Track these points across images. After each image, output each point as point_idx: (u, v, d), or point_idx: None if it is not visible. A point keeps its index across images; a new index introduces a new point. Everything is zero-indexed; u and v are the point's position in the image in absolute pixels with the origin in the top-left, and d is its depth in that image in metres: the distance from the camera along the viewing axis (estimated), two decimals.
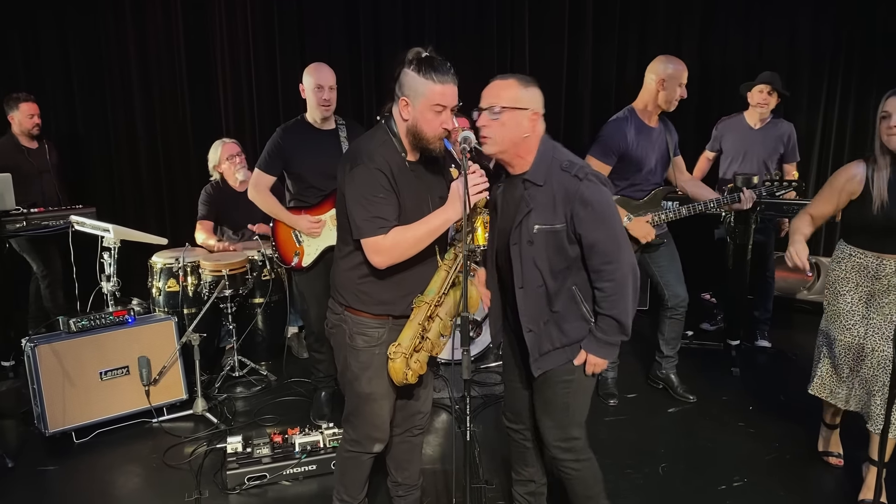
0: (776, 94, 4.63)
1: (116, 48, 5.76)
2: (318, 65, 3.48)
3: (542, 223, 2.19)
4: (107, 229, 3.86)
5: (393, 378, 2.28)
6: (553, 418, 2.38)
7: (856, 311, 2.89)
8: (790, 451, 3.43)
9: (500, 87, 2.20)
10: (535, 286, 2.24)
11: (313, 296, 3.58)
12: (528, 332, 2.28)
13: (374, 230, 2.17)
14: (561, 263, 2.22)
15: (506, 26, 6.00)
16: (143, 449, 3.53)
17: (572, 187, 2.15)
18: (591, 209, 2.14)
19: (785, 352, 4.78)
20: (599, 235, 2.16)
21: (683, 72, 3.57)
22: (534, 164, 2.22)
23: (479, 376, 4.35)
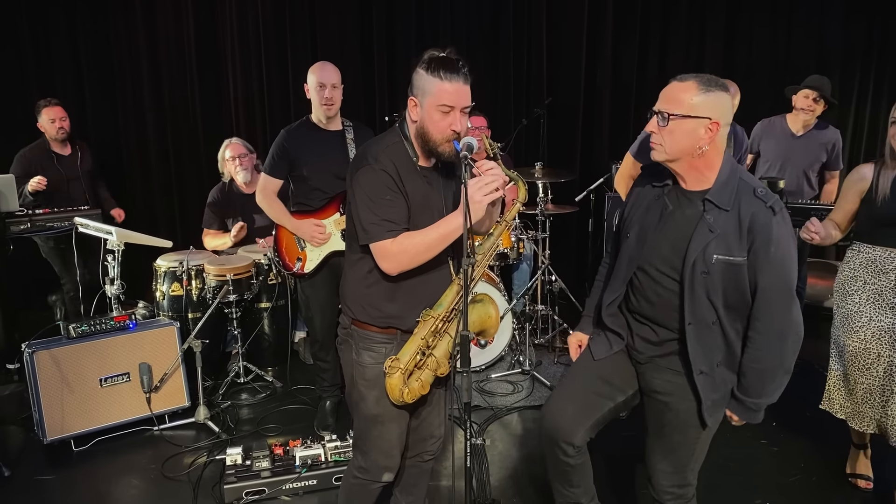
0: (823, 102, 4.27)
1: (127, 47, 5.70)
2: (322, 63, 3.37)
3: (724, 254, 1.93)
4: (109, 232, 3.78)
5: (389, 395, 2.13)
6: (675, 464, 2.17)
7: (863, 311, 2.84)
8: (816, 473, 3.25)
9: (676, 90, 1.95)
10: (709, 322, 1.99)
11: (317, 303, 3.47)
12: (700, 374, 2.02)
13: (382, 234, 2.04)
14: (738, 301, 1.98)
15: (522, 23, 5.85)
16: (142, 459, 3.44)
17: (763, 219, 1.90)
18: (773, 250, 1.90)
19: (812, 363, 4.56)
20: (771, 280, 1.92)
21: None
22: (717, 183, 1.97)
23: (489, 385, 4.21)
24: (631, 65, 5.89)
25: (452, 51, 2.06)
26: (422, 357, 2.11)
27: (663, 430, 2.16)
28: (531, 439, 3.60)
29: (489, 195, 1.95)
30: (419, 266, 2.09)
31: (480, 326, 2.22)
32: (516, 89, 5.96)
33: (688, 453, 2.16)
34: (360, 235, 2.09)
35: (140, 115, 5.82)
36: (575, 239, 6.02)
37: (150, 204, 5.97)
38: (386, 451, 2.27)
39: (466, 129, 2.10)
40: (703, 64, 5.88)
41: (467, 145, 1.99)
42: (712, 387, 2.04)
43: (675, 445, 2.16)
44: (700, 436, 2.13)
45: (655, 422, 2.19)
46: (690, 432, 2.12)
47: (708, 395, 2.05)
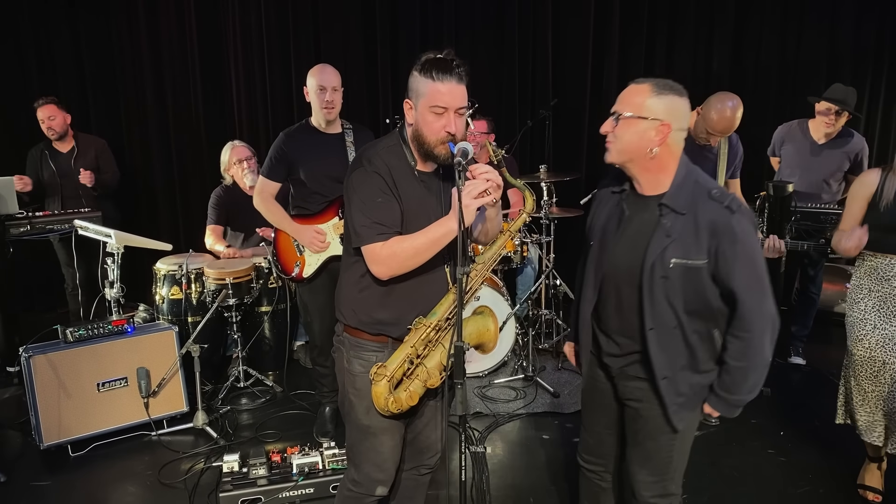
0: (846, 114, 4.13)
1: (129, 49, 5.69)
2: (322, 66, 3.33)
3: (681, 257, 1.92)
4: (108, 235, 3.76)
5: (374, 404, 2.07)
6: (654, 472, 2.14)
7: (868, 319, 2.82)
8: (824, 485, 3.17)
9: (631, 93, 1.96)
10: (670, 327, 1.98)
11: (316, 308, 3.43)
12: (664, 379, 2.01)
13: (372, 237, 1.99)
14: (699, 304, 1.96)
15: (528, 24, 5.78)
16: (139, 465, 3.40)
17: (722, 220, 1.88)
18: (739, 248, 1.88)
19: (822, 371, 4.49)
20: (744, 280, 1.90)
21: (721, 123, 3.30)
22: (673, 186, 1.96)
23: (491, 391, 4.16)
24: (638, 66, 5.81)
25: (451, 52, 2.00)
26: (410, 366, 2.05)
27: (637, 436, 2.15)
28: (533, 448, 3.54)
29: (477, 199, 1.88)
30: (413, 272, 2.04)
31: (478, 339, 2.15)
32: (521, 91, 5.90)
33: (665, 460, 2.13)
34: (352, 238, 2.06)
35: (142, 116, 5.80)
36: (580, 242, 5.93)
37: (153, 206, 5.95)
38: (378, 464, 2.21)
39: (464, 132, 2.04)
40: (711, 65, 5.81)
41: (462, 150, 1.93)
42: (676, 391, 2.03)
43: (651, 453, 2.13)
44: (674, 442, 2.10)
45: (630, 429, 2.18)
46: (663, 439, 2.10)
47: (672, 400, 2.03)
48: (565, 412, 3.88)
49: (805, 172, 4.29)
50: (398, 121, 2.13)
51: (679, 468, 2.17)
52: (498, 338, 2.19)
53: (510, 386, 4.23)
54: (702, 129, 3.30)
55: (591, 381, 2.28)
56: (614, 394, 2.21)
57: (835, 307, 5.23)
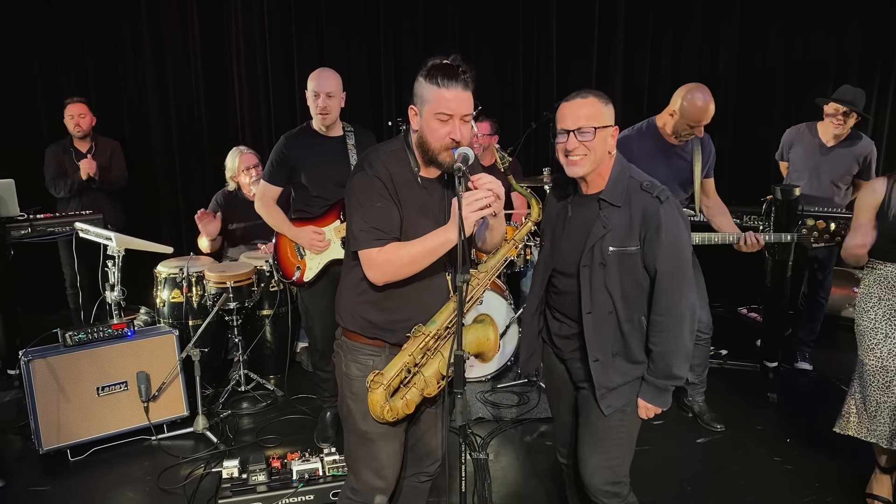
0: (855, 115, 4.10)
1: (132, 50, 5.66)
2: (321, 70, 3.28)
3: (618, 245, 2.08)
4: (109, 237, 3.74)
5: (370, 411, 2.05)
6: (604, 458, 2.21)
7: (878, 328, 2.77)
8: (832, 493, 3.12)
9: (586, 107, 2.08)
10: (605, 312, 2.12)
11: (317, 312, 3.40)
12: (595, 361, 2.14)
13: (369, 241, 1.99)
14: (633, 289, 2.12)
15: (532, 24, 5.75)
16: (139, 470, 3.38)
17: (651, 208, 2.06)
18: (664, 235, 2.05)
19: (828, 376, 4.43)
20: (666, 265, 2.06)
21: (701, 113, 3.19)
22: (609, 182, 2.12)
23: (494, 396, 4.12)
24: (643, 67, 5.77)
25: (457, 58, 1.98)
26: (408, 375, 2.03)
27: (589, 418, 2.22)
28: (536, 453, 3.50)
29: (476, 212, 1.87)
30: (412, 278, 2.02)
31: (478, 348, 2.13)
32: (525, 92, 5.86)
33: (615, 442, 2.21)
34: (350, 241, 2.06)
35: (145, 117, 5.78)
36: None
37: (155, 208, 5.93)
38: (376, 471, 2.18)
39: (469, 139, 2.01)
40: (718, 67, 5.76)
41: (463, 156, 1.91)
42: (606, 375, 2.14)
43: (601, 433, 2.20)
44: (624, 422, 2.19)
45: (582, 411, 2.26)
46: (612, 417, 2.17)
47: (602, 383, 2.14)
48: None
49: (814, 175, 4.26)
50: (400, 123, 2.11)
51: (628, 454, 2.25)
52: (498, 347, 2.17)
53: (513, 391, 4.19)
54: (682, 125, 3.24)
55: (549, 369, 2.42)
56: (569, 377, 2.32)
57: (842, 311, 5.18)
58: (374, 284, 2.03)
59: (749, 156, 5.92)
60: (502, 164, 2.23)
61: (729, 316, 5.69)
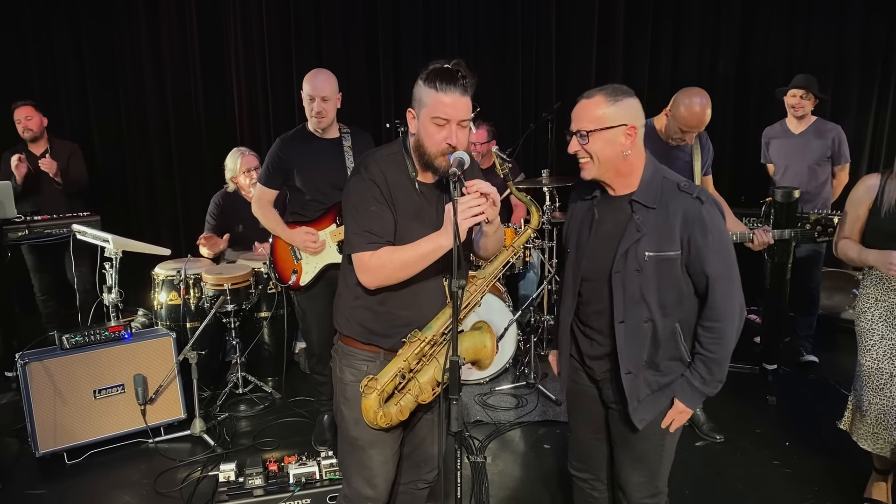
0: (812, 97, 4.39)
1: (130, 50, 5.65)
2: (316, 72, 3.26)
3: (655, 250, 1.96)
4: (106, 239, 3.72)
5: (363, 417, 2.03)
6: (645, 474, 2.16)
7: (875, 329, 2.74)
8: (831, 497, 3.11)
9: (586, 108, 1.99)
10: (641, 321, 2.00)
11: (314, 316, 3.38)
12: (627, 374, 2.03)
13: (363, 245, 1.98)
14: (672, 296, 2.00)
15: (531, 25, 5.74)
16: (135, 473, 3.37)
17: (693, 210, 1.95)
18: (711, 237, 1.94)
19: (828, 378, 4.41)
20: (716, 268, 1.96)
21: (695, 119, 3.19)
22: (642, 183, 2.01)
23: (492, 399, 4.11)
24: (643, 68, 5.76)
25: (460, 63, 1.95)
26: (402, 380, 2.01)
27: (626, 439, 2.14)
28: (534, 457, 3.49)
29: (469, 219, 1.85)
30: (408, 283, 2.01)
31: (474, 355, 2.11)
32: (524, 93, 5.85)
33: (657, 460, 2.15)
34: (345, 245, 2.06)
35: (143, 118, 5.76)
36: None
37: (153, 209, 5.92)
38: (367, 479, 2.16)
39: (466, 144, 2.00)
40: (718, 68, 5.75)
41: (458, 161, 1.89)
42: (637, 388, 2.04)
43: (642, 455, 2.14)
44: (664, 440, 2.13)
45: (618, 432, 2.17)
46: (653, 440, 2.11)
47: (633, 395, 2.04)
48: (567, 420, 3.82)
49: (791, 163, 4.51)
50: (399, 125, 2.09)
51: (668, 466, 2.20)
52: (495, 355, 2.14)
53: (512, 393, 4.18)
54: (674, 128, 3.25)
55: (574, 385, 2.28)
56: (599, 397, 2.21)
57: (842, 313, 5.16)
58: (369, 289, 2.02)
59: (748, 158, 5.89)
60: (502, 170, 2.20)
61: None
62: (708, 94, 3.25)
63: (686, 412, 2.07)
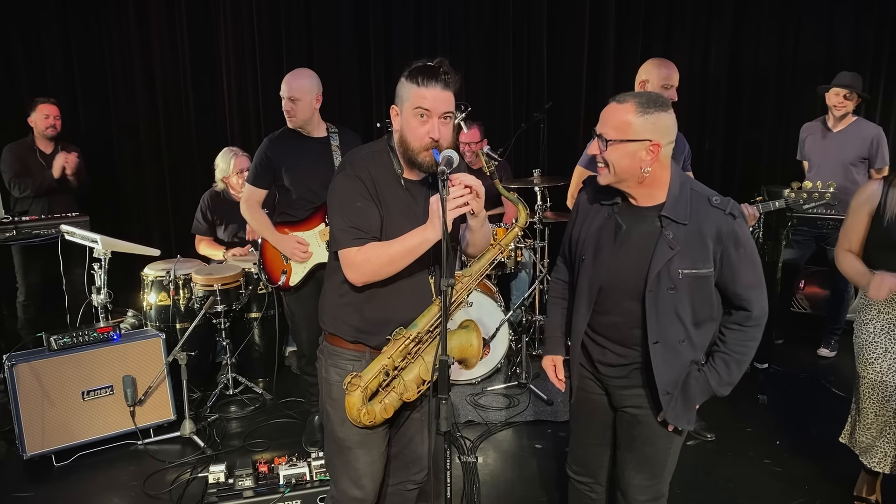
0: (856, 97, 4.35)
1: (120, 51, 5.60)
2: (292, 73, 3.27)
3: (689, 268, 1.91)
4: (95, 240, 3.70)
5: (347, 414, 2.02)
6: (650, 477, 2.14)
7: (878, 342, 2.66)
8: (822, 495, 3.11)
9: (615, 113, 1.90)
10: (677, 341, 1.97)
11: (304, 317, 3.36)
12: (667, 394, 1.99)
13: (348, 241, 1.97)
14: (706, 312, 1.98)
15: (522, 25, 5.74)
16: (124, 475, 3.34)
17: (727, 227, 1.92)
18: (743, 250, 1.94)
19: (818, 378, 4.43)
20: (750, 278, 1.96)
21: (669, 74, 3.24)
22: (670, 198, 1.95)
23: (484, 399, 4.10)
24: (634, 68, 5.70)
25: (443, 61, 1.96)
26: (387, 378, 2.00)
27: (634, 443, 2.13)
28: (526, 457, 3.48)
29: (453, 210, 1.83)
30: (395, 280, 2.00)
31: (461, 354, 2.10)
32: (516, 93, 5.85)
33: (661, 464, 2.14)
34: (331, 242, 2.05)
35: (133, 120, 5.72)
36: None
37: (143, 209, 5.89)
38: (354, 480, 2.15)
39: (450, 140, 1.99)
40: (709, 68, 5.77)
41: (447, 159, 1.88)
42: (671, 403, 2.02)
43: (648, 458, 2.13)
44: (671, 445, 2.12)
45: (626, 435, 2.15)
46: (661, 443, 2.10)
47: (669, 412, 2.02)
48: (559, 420, 3.82)
49: (825, 160, 4.48)
50: (389, 125, 2.09)
51: (672, 469, 2.18)
52: (481, 353, 2.13)
53: (503, 393, 4.18)
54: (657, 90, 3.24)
55: (583, 394, 2.23)
56: (609, 403, 2.18)
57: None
58: (356, 286, 2.01)
59: (740, 157, 5.93)
60: (488, 169, 2.20)
61: None
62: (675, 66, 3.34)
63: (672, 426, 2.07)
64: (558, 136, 5.63)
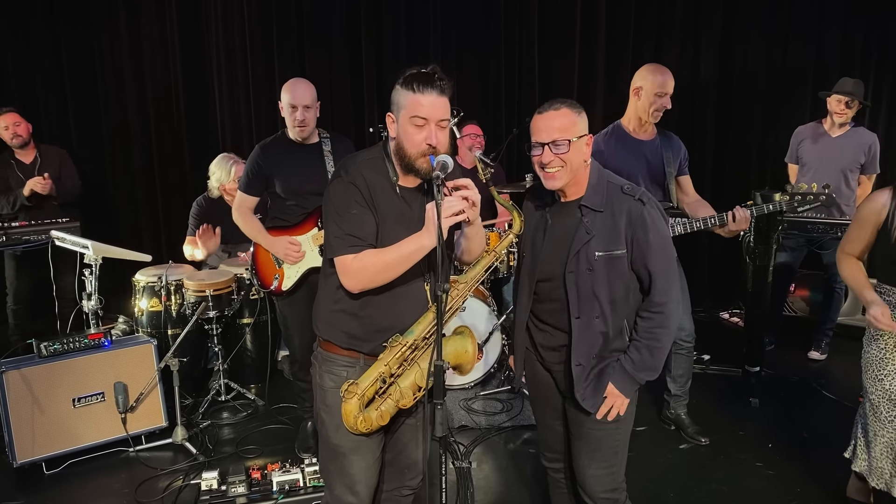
0: (857, 104, 4.40)
1: (110, 57, 5.57)
2: (295, 81, 3.23)
3: (604, 249, 2.10)
4: (86, 246, 3.67)
5: (343, 422, 2.01)
6: (602, 465, 2.24)
7: (889, 359, 2.60)
8: (814, 497, 3.13)
9: (559, 118, 2.08)
10: (593, 317, 2.14)
11: (296, 322, 3.35)
12: (578, 366, 2.15)
13: (344, 248, 1.97)
14: (621, 292, 2.14)
15: (514, 31, 5.76)
16: (116, 482, 3.32)
17: (636, 211, 2.10)
18: (651, 236, 2.10)
19: (809, 381, 4.45)
20: (657, 265, 2.11)
21: (664, 82, 3.23)
22: (589, 188, 2.15)
23: (477, 404, 4.10)
24: (625, 72, 5.78)
25: (436, 67, 1.97)
26: (383, 385, 2.00)
27: (581, 429, 2.24)
28: (519, 461, 3.48)
29: (448, 218, 1.85)
30: (389, 287, 2.00)
31: (456, 360, 2.10)
32: (508, 98, 5.87)
33: (611, 449, 2.24)
34: (326, 249, 2.05)
35: (124, 126, 5.68)
36: None
37: (134, 215, 5.85)
38: (348, 486, 2.15)
39: (447, 145, 2.00)
40: (699, 73, 5.81)
41: (442, 164, 1.89)
42: (583, 376, 2.16)
43: (598, 442, 2.22)
44: (619, 427, 2.22)
45: (574, 423, 2.26)
46: (608, 426, 2.20)
47: (580, 383, 2.15)
48: None
49: (822, 165, 4.50)
50: (382, 130, 2.09)
51: (623, 457, 2.28)
52: (476, 359, 2.14)
53: (496, 398, 4.17)
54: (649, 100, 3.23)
55: (532, 376, 2.39)
56: (556, 385, 2.31)
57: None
58: (350, 293, 2.01)
59: (730, 161, 5.97)
60: (484, 175, 2.21)
61: (711, 320, 5.72)
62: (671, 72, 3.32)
63: (621, 398, 2.16)
64: None
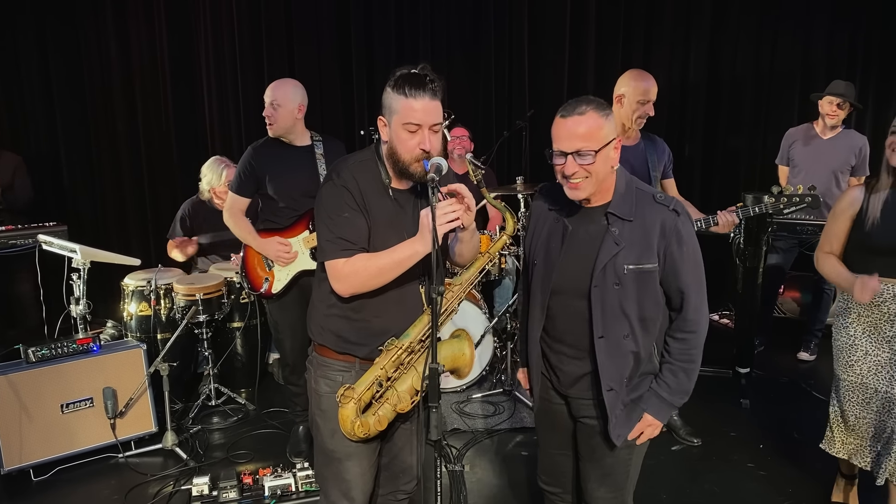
0: (848, 106, 4.44)
1: (98, 59, 5.52)
2: (280, 80, 3.26)
3: (634, 262, 1.92)
4: (73, 250, 3.64)
5: (340, 427, 1.99)
6: (613, 489, 2.12)
7: (858, 345, 2.68)
8: (805, 498, 3.14)
9: (583, 124, 1.86)
10: (621, 336, 1.96)
11: (287, 325, 3.34)
12: (609, 390, 1.97)
13: (336, 252, 1.96)
14: (651, 308, 1.97)
15: (504, 33, 5.76)
16: (105, 489, 3.28)
17: (670, 222, 1.93)
18: (685, 249, 1.94)
19: (799, 382, 4.48)
20: (691, 279, 1.95)
21: (647, 89, 3.20)
22: (616, 195, 1.96)
23: (469, 407, 4.09)
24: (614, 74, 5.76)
25: (426, 67, 1.96)
26: (380, 389, 1.98)
27: (594, 453, 2.10)
28: (512, 464, 3.48)
29: (445, 224, 1.84)
30: (384, 290, 1.99)
31: (453, 364, 2.09)
32: (498, 101, 5.87)
33: (623, 475, 2.12)
34: (318, 252, 2.03)
35: (111, 128, 5.64)
36: None
37: (123, 218, 5.80)
38: (344, 492, 2.13)
39: (440, 148, 1.99)
40: (688, 76, 5.84)
41: (436, 166, 1.88)
42: (616, 403, 2.00)
43: (609, 468, 2.10)
44: (632, 455, 2.10)
45: (586, 446, 2.13)
46: (622, 453, 2.07)
47: (613, 412, 1.99)
48: None
49: (813, 167, 4.54)
50: (373, 132, 2.08)
51: (634, 480, 2.17)
52: (473, 363, 2.12)
53: (489, 401, 4.17)
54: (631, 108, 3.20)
55: (545, 403, 2.21)
56: (568, 412, 2.16)
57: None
58: (343, 297, 2.00)
59: (719, 163, 6.00)
60: (475, 177, 2.20)
61: None
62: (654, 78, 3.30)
63: (656, 425, 2.04)
64: (540, 144, 5.60)
